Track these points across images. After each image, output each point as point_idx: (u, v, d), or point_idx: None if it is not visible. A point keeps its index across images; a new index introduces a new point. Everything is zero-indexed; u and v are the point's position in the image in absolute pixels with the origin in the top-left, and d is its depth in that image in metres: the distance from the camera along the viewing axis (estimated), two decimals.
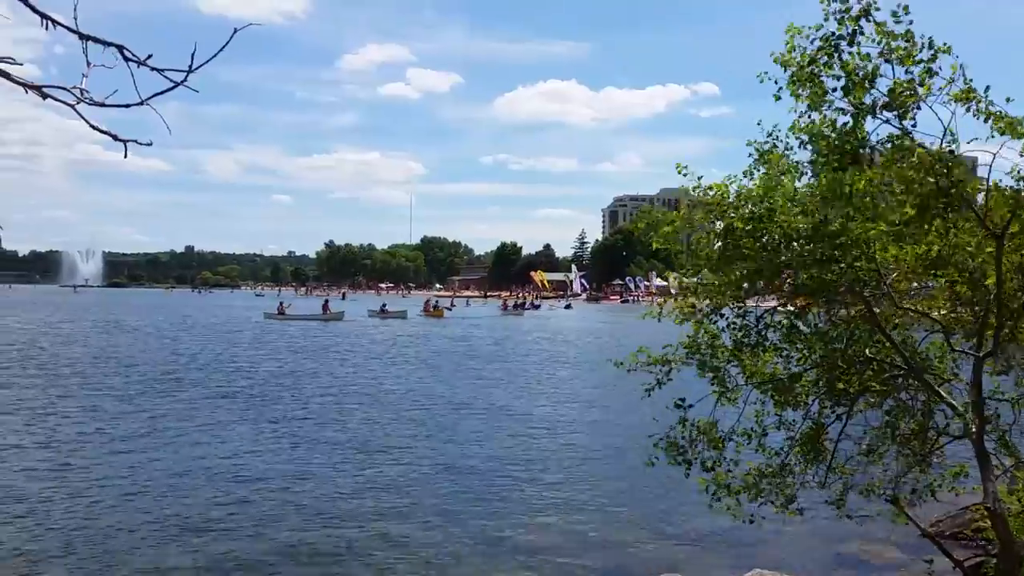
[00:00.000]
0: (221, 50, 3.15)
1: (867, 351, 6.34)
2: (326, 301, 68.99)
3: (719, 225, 5.96)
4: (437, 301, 79.65)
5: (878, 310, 6.21)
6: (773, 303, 6.65)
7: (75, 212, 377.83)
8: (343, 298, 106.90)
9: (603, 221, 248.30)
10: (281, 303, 65.91)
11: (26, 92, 3.75)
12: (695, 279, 6.59)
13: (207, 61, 3.13)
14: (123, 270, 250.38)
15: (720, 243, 5.98)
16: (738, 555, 9.33)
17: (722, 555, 9.38)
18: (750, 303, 6.49)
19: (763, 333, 6.34)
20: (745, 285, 6.14)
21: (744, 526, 7.61)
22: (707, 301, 6.38)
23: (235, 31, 3.15)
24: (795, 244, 5.71)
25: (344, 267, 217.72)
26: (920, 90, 5.30)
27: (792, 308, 6.50)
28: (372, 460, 13.59)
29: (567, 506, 11.20)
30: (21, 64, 3.80)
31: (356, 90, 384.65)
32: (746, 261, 5.83)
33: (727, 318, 6.37)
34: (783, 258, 5.79)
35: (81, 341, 37.10)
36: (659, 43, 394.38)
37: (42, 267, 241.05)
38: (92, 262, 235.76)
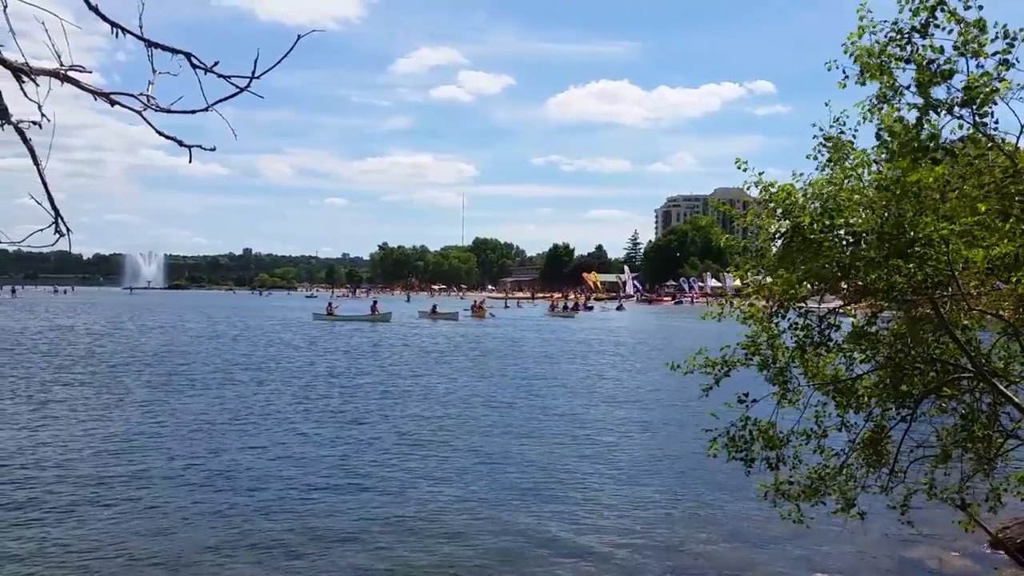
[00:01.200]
0: (285, 56, 3.22)
1: (932, 352, 6.18)
2: (375, 302, 69.61)
3: (783, 224, 5.87)
4: (480, 302, 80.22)
5: (945, 311, 6.05)
6: (836, 303, 6.53)
7: (137, 216, 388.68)
8: (408, 299, 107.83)
9: (656, 222, 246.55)
10: (330, 304, 67.14)
11: (95, 99, 3.87)
12: (757, 279, 6.50)
13: (271, 67, 3.21)
14: (183, 272, 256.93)
15: (783, 242, 5.89)
16: (797, 560, 9.16)
17: (781, 559, 9.22)
18: (812, 303, 6.40)
19: (826, 334, 6.23)
20: (809, 285, 6.05)
21: (804, 530, 7.49)
22: (769, 301, 6.29)
23: (298, 37, 3.22)
24: (863, 243, 5.59)
25: (397, 269, 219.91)
26: (999, 85, 5.14)
27: (857, 308, 6.39)
28: (426, 456, 13.68)
29: (621, 507, 11.13)
30: (91, 72, 3.93)
31: (408, 93, 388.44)
32: (812, 260, 5.73)
33: (789, 319, 6.27)
34: (850, 257, 5.67)
35: (144, 339, 38.12)
36: (713, 41, 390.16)
37: (106, 269, 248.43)
38: (154, 264, 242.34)
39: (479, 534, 9.86)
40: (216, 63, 3.07)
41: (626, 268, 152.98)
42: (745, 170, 6.10)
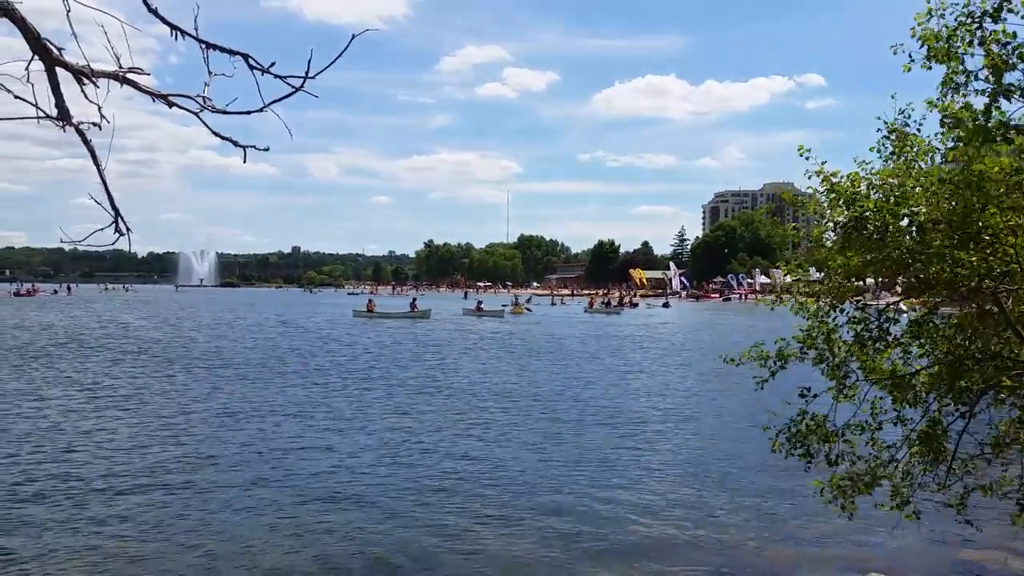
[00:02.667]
0: (340, 55, 3.27)
1: (992, 347, 6.04)
2: (414, 299, 70.03)
3: (845, 213, 5.76)
4: (518, 298, 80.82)
5: (1008, 305, 5.90)
6: (895, 297, 6.42)
7: (189, 215, 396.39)
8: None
9: (703, 217, 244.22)
10: (370, 300, 68.07)
11: (153, 101, 3.97)
12: (813, 272, 6.41)
13: (326, 67, 3.26)
14: (235, 270, 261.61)
15: (845, 232, 5.78)
16: (852, 557, 9.04)
17: (835, 557, 9.10)
18: (869, 298, 6.30)
19: (884, 327, 6.11)
20: (865, 280, 5.95)
21: (859, 528, 7.39)
22: (825, 297, 6.19)
23: (352, 37, 3.26)
24: (927, 234, 5.47)
25: (443, 266, 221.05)
26: None
27: (917, 302, 6.26)
28: (481, 446, 13.75)
29: (673, 503, 11.07)
30: (149, 74, 4.03)
31: (454, 91, 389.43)
32: (875, 250, 5.63)
33: (847, 312, 6.17)
34: (915, 247, 5.56)
35: (208, 336, 38.96)
36: (762, 34, 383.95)
37: (159, 268, 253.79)
38: (206, 263, 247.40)
39: (533, 524, 9.90)
40: (272, 64, 3.13)
41: (672, 265, 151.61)
42: (808, 158, 6.01)
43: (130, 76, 3.30)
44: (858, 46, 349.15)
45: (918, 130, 6.00)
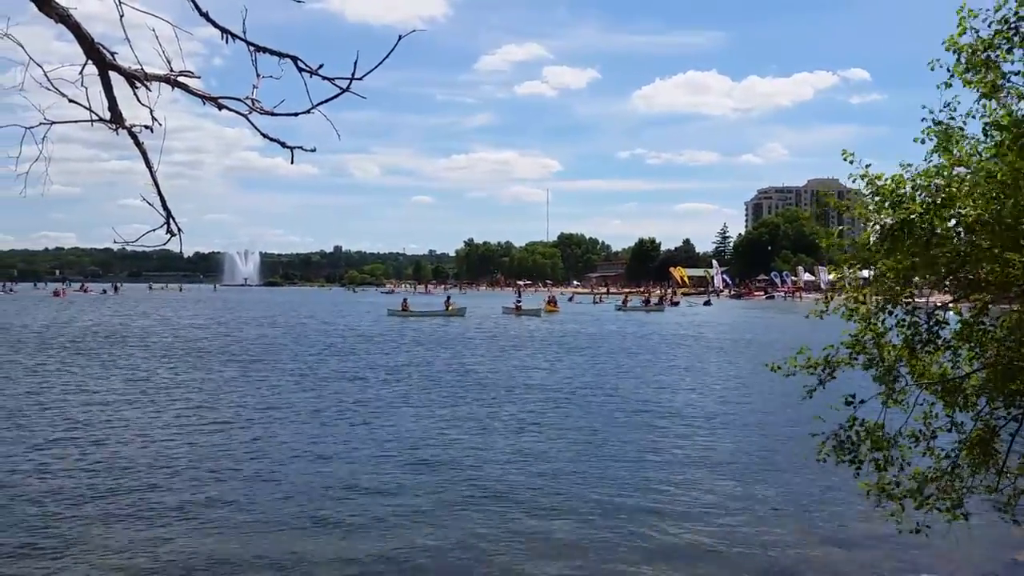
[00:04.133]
0: (386, 57, 3.29)
1: None
2: (448, 297, 70.20)
3: (891, 216, 5.67)
4: (552, 297, 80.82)
5: None
6: (946, 298, 6.29)
7: (234, 215, 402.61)
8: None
9: (746, 214, 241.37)
10: (405, 299, 68.43)
11: (204, 103, 4.05)
12: (857, 276, 6.31)
13: (373, 69, 3.29)
14: (278, 270, 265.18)
15: (892, 234, 5.69)
16: (900, 561, 8.89)
17: (883, 560, 8.96)
18: (920, 299, 6.17)
19: (934, 330, 6.00)
20: (916, 278, 5.84)
21: (907, 530, 7.26)
22: (877, 297, 6.09)
23: (399, 38, 3.29)
24: (976, 235, 5.37)
25: (482, 265, 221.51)
26: None
27: (967, 303, 6.13)
28: (526, 443, 13.77)
29: (718, 506, 10.97)
30: (199, 77, 4.11)
31: (493, 90, 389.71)
32: (923, 252, 5.53)
33: (896, 315, 6.07)
34: (963, 248, 5.45)
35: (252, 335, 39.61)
36: (805, 28, 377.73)
37: (205, 267, 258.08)
38: (251, 263, 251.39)
39: (570, 521, 9.89)
40: (321, 66, 3.17)
41: (715, 262, 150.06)
42: (851, 162, 5.92)
43: (181, 79, 3.38)
44: (904, 40, 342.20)
45: (964, 124, 5.90)
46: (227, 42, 3.18)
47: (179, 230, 3.72)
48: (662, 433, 15.86)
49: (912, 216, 5.49)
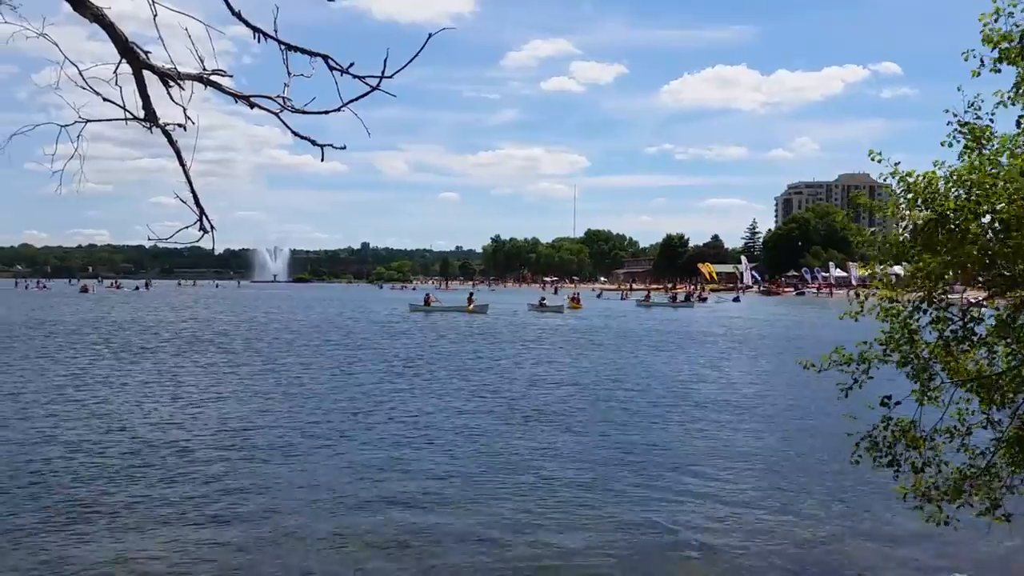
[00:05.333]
0: (416, 55, 3.29)
1: None
2: (471, 294, 70.34)
3: (924, 214, 5.58)
4: (576, 294, 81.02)
5: None
6: (979, 295, 6.18)
7: (263, 212, 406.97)
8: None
9: (776, 210, 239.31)
10: (427, 295, 68.54)
11: (236, 102, 4.08)
12: (891, 271, 6.22)
13: (403, 67, 3.29)
14: (306, 266, 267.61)
15: (926, 231, 5.59)
16: (938, 560, 8.76)
17: (920, 559, 8.83)
18: (953, 296, 6.08)
19: (969, 327, 5.90)
20: (948, 275, 5.75)
21: (945, 532, 7.16)
22: (909, 297, 6.00)
23: (429, 36, 3.28)
24: (1011, 231, 5.26)
25: (509, 261, 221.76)
26: None
27: (1000, 301, 6.02)
28: (550, 443, 13.75)
29: (748, 500, 10.88)
30: (231, 76, 4.14)
31: (520, 87, 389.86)
32: (956, 249, 5.44)
33: (930, 313, 5.97)
34: (997, 245, 5.35)
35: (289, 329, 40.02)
36: (835, 22, 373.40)
37: (235, 264, 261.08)
38: (280, 259, 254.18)
39: (607, 525, 9.84)
40: (351, 64, 3.18)
41: (744, 258, 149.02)
42: (879, 161, 5.84)
43: (214, 78, 3.40)
44: (935, 33, 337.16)
45: (991, 122, 5.79)
46: (259, 41, 3.19)
47: (212, 227, 3.74)
48: (693, 428, 15.75)
49: (946, 213, 5.41)
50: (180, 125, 3.76)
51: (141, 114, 3.68)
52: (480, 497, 10.91)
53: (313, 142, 3.87)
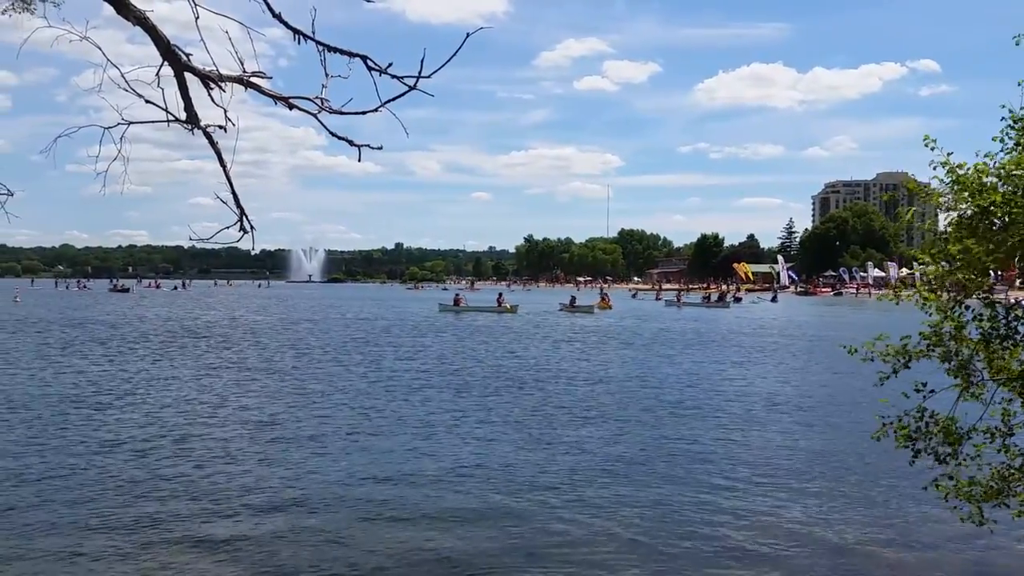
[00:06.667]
0: (454, 55, 3.31)
1: None
2: (500, 294, 70.24)
3: (971, 206, 5.48)
4: (604, 293, 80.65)
5: None
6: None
7: (298, 213, 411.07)
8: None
9: (813, 209, 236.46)
10: (457, 295, 68.69)
11: (276, 104, 4.13)
12: (934, 268, 6.10)
13: (441, 67, 3.31)
14: (341, 266, 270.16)
15: (969, 224, 5.49)
16: (975, 565, 8.60)
17: (958, 562, 8.68)
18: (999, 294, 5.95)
19: (1012, 326, 5.77)
20: (990, 266, 5.63)
21: (983, 533, 7.04)
22: (950, 293, 5.89)
23: (467, 36, 3.31)
24: None
25: (542, 261, 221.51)
26: None
27: None
28: (578, 440, 13.72)
29: (782, 501, 10.75)
30: (271, 78, 4.19)
31: (552, 86, 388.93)
32: (996, 240, 5.33)
33: (973, 309, 5.86)
34: None
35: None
36: (872, 19, 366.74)
37: (271, 264, 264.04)
38: (315, 260, 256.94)
39: (631, 518, 9.81)
40: (390, 64, 3.20)
41: (780, 258, 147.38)
42: (932, 148, 5.74)
43: (254, 80, 3.44)
44: (975, 29, 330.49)
45: None
46: (299, 43, 3.22)
47: (252, 227, 3.78)
48: (726, 428, 15.61)
49: (991, 207, 5.30)
50: (220, 127, 3.82)
51: (183, 116, 3.74)
52: (506, 493, 10.94)
53: (351, 142, 3.91)
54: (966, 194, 5.48)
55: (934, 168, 5.70)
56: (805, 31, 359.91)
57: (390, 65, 3.22)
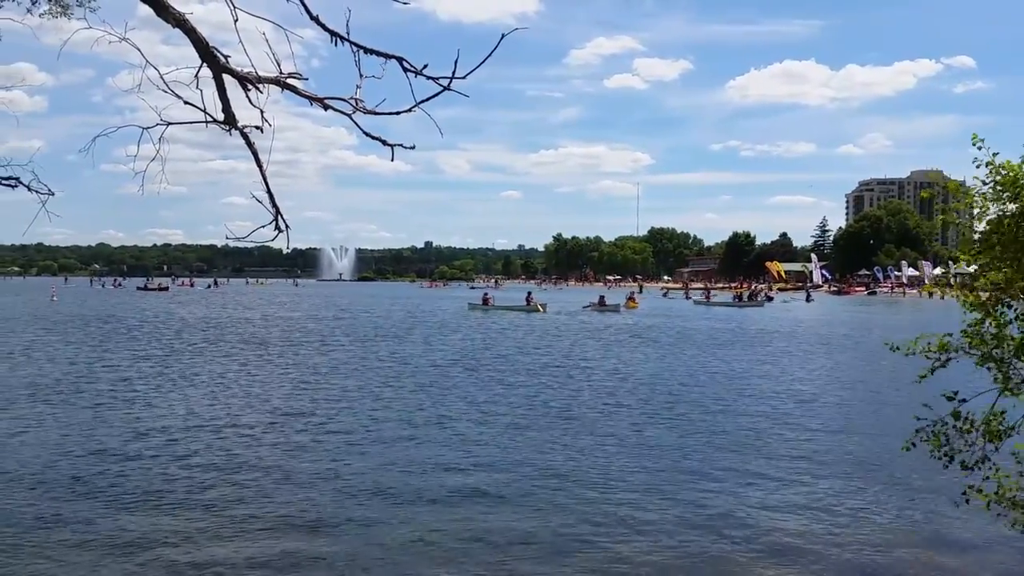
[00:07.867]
0: (489, 56, 3.33)
1: None
2: (529, 293, 69.91)
3: (1012, 206, 5.40)
4: (633, 293, 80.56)
5: None
6: None
7: (329, 212, 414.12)
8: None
9: (846, 207, 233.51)
10: (485, 294, 68.54)
11: (311, 104, 4.18)
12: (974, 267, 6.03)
13: (476, 67, 3.33)
14: (371, 265, 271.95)
15: (1008, 225, 5.41)
16: (1015, 565, 8.47)
17: (994, 563, 8.55)
18: None
19: None
20: None
21: (1019, 537, 6.93)
22: (987, 292, 5.82)
23: (502, 36, 3.33)
24: None
25: (572, 260, 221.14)
26: None
27: None
28: (607, 438, 13.70)
29: (814, 500, 10.65)
30: (307, 79, 4.24)
31: (582, 84, 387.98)
32: None
33: (1015, 309, 5.78)
34: None
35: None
36: (906, 15, 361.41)
37: (303, 263, 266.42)
38: (346, 258, 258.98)
39: (660, 522, 9.77)
40: (425, 66, 3.23)
41: (814, 257, 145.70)
42: (980, 147, 5.65)
43: (290, 81, 3.49)
44: (1011, 25, 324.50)
45: None
46: (336, 45, 3.26)
47: (287, 226, 3.83)
48: (758, 427, 15.49)
49: None
50: (257, 127, 3.86)
51: (220, 117, 3.80)
52: (538, 491, 10.97)
53: (384, 142, 3.94)
54: (1006, 195, 5.41)
55: (977, 167, 5.62)
56: (838, 28, 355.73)
57: (425, 66, 3.25)
